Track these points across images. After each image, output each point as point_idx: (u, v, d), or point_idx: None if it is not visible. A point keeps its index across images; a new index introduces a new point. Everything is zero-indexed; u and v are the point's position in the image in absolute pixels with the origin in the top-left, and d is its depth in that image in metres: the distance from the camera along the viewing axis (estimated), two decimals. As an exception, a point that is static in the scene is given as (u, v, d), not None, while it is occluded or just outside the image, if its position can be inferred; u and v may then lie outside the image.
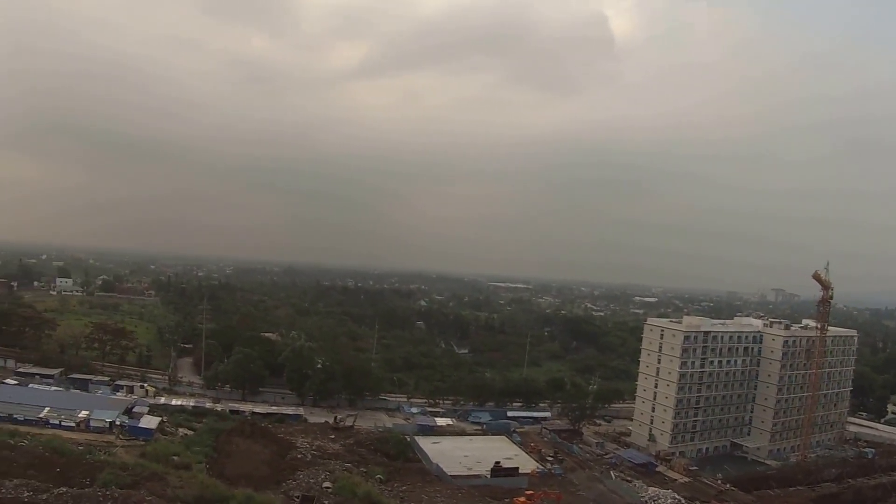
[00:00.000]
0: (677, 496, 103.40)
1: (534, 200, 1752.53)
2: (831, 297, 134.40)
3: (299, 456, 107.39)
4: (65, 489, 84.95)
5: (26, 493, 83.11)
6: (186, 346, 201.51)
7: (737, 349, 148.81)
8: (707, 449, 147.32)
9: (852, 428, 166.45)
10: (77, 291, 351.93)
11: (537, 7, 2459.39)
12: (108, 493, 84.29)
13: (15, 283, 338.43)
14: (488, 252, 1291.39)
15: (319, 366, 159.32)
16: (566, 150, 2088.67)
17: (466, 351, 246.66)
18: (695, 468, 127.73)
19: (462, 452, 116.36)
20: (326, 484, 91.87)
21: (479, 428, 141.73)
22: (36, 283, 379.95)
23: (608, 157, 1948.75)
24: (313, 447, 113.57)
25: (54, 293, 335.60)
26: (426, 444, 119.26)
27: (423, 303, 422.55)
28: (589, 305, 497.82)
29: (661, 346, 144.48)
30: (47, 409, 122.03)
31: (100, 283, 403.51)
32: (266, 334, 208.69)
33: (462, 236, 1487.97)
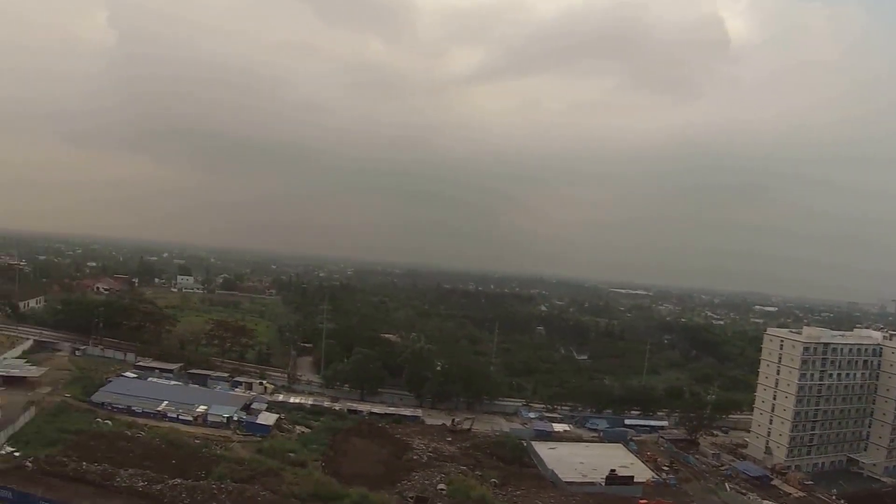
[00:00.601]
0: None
1: (651, 205, 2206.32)
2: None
3: (415, 457, 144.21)
4: (179, 481, 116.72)
5: (141, 483, 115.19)
6: (306, 345, 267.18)
7: (856, 362, 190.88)
8: (823, 464, 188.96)
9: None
10: (198, 289, 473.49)
11: (651, 8, 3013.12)
12: (222, 486, 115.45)
13: (136, 280, 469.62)
14: (607, 257, 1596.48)
15: (439, 368, 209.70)
16: (684, 155, 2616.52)
17: (586, 357, 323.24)
18: (810, 483, 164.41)
19: (578, 459, 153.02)
20: (441, 486, 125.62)
21: (596, 435, 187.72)
22: (157, 281, 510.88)
23: (725, 161, 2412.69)
24: (429, 449, 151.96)
25: (175, 290, 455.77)
26: (542, 449, 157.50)
27: (543, 308, 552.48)
28: (709, 313, 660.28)
29: (780, 357, 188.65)
30: (165, 402, 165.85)
31: (221, 281, 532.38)
32: (386, 335, 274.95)
33: (582, 241, 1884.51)
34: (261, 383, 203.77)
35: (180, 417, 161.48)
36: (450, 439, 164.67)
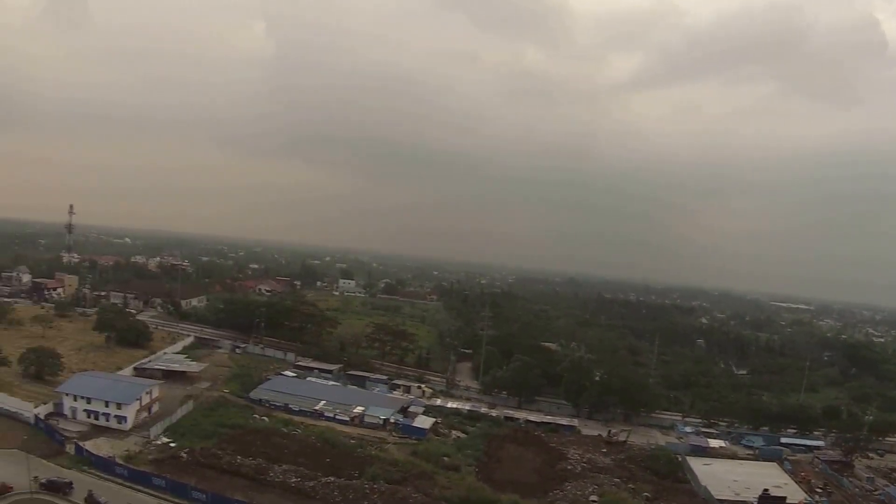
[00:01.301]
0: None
1: (812, 213, 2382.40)
2: None
3: (569, 467, 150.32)
4: (332, 479, 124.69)
5: (294, 479, 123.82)
6: (466, 351, 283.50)
7: None
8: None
9: None
10: (359, 293, 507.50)
11: (805, 10, 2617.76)
12: (374, 486, 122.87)
13: (298, 283, 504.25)
14: (769, 268, 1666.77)
15: (597, 378, 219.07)
16: (843, 162, 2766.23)
17: (745, 372, 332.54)
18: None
19: (732, 476, 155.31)
20: (593, 497, 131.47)
21: (751, 452, 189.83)
22: (319, 284, 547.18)
23: (888, 168, 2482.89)
24: (584, 459, 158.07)
25: (337, 293, 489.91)
26: (697, 465, 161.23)
27: (703, 320, 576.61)
28: (870, 330, 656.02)
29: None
30: (323, 402, 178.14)
31: (382, 285, 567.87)
32: (546, 344, 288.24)
33: (743, 251, 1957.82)
34: (419, 387, 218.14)
35: (337, 417, 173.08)
36: (605, 450, 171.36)
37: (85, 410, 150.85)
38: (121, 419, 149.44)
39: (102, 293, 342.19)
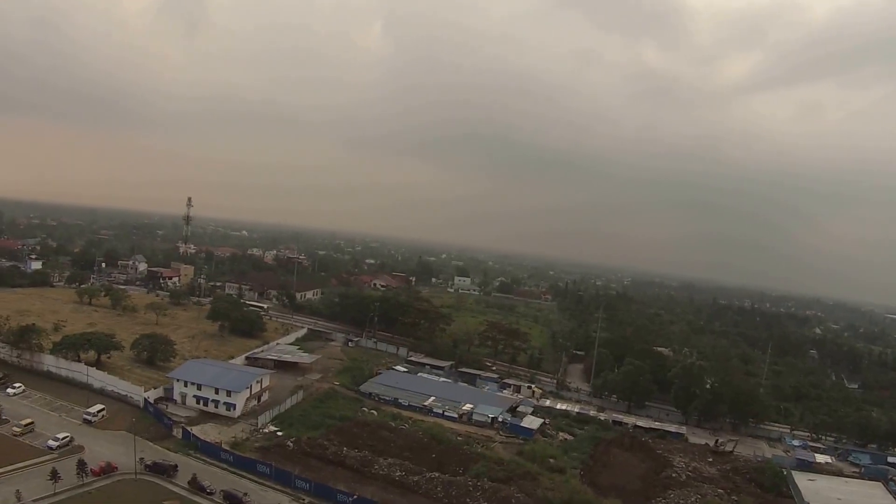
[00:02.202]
0: None
1: None
2: None
3: (674, 475, 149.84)
4: (437, 474, 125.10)
5: (398, 473, 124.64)
6: (578, 352, 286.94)
7: None
8: None
9: None
10: (474, 291, 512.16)
11: None
12: (478, 483, 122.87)
13: (413, 279, 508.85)
14: (886, 279, 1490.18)
15: (708, 386, 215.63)
16: None
17: (856, 386, 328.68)
18: None
19: (835, 494, 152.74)
20: None
21: (857, 470, 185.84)
22: (434, 280, 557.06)
23: None
24: (689, 468, 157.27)
25: (451, 291, 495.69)
26: (801, 480, 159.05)
27: (817, 331, 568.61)
28: None
29: None
30: (433, 398, 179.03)
31: (497, 284, 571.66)
32: (658, 348, 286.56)
33: (862, 260, 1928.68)
34: (529, 387, 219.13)
35: (446, 414, 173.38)
36: (711, 460, 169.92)
37: (194, 396, 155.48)
38: (230, 406, 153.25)
39: (217, 283, 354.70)
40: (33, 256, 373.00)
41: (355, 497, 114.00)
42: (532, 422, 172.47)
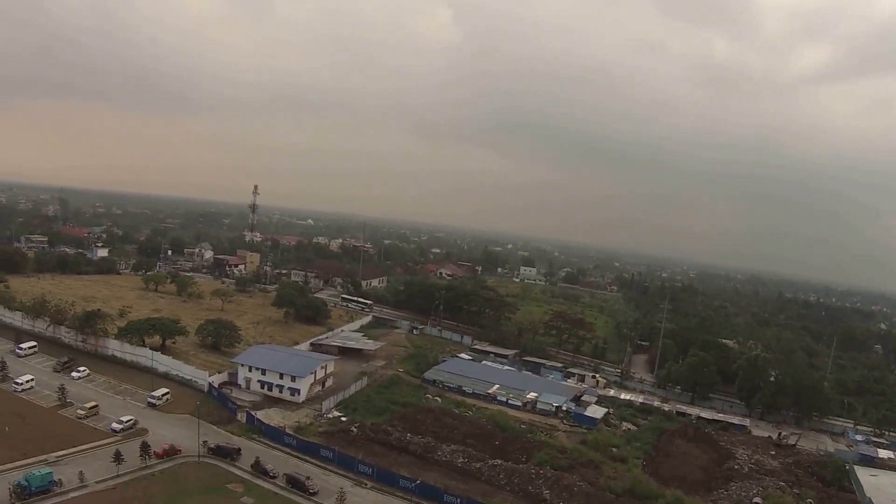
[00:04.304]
0: None
1: None
2: None
3: (736, 467, 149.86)
4: (500, 462, 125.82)
5: (461, 459, 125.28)
6: (643, 343, 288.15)
7: None
8: None
9: None
10: (539, 280, 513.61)
11: None
12: (541, 471, 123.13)
13: (479, 268, 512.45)
14: None
15: (772, 379, 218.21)
16: None
17: None
18: None
19: None
20: (757, 500, 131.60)
21: None
22: (500, 270, 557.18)
23: None
24: (751, 460, 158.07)
25: (517, 280, 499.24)
26: (863, 475, 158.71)
27: (882, 326, 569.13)
28: None
29: None
30: (497, 385, 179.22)
31: (563, 274, 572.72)
32: (723, 340, 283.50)
33: None
34: (593, 376, 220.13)
35: (510, 402, 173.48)
36: (773, 453, 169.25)
37: (259, 381, 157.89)
38: (294, 391, 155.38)
39: (283, 271, 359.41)
40: (99, 244, 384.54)
41: (418, 482, 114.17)
42: (596, 411, 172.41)
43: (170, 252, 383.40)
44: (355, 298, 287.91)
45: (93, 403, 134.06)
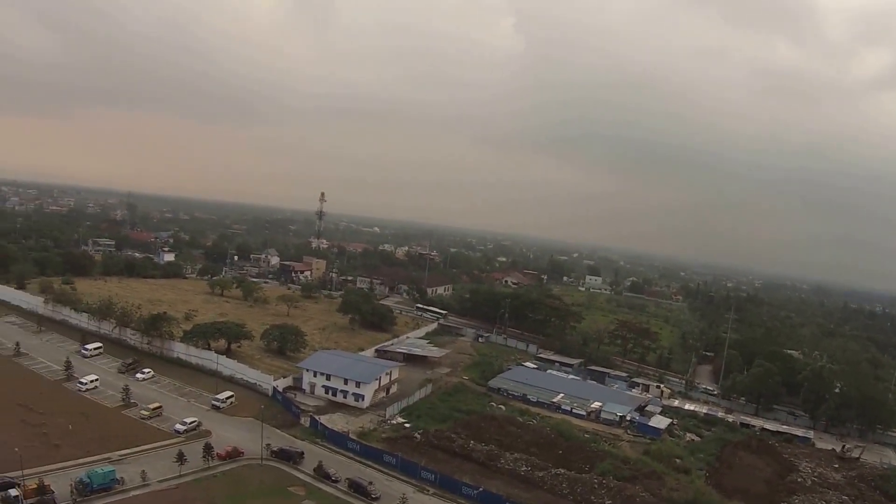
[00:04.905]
0: None
1: None
2: None
3: (799, 480, 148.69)
4: (562, 471, 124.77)
5: (524, 468, 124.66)
6: (707, 353, 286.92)
7: None
8: None
9: None
10: (605, 290, 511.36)
11: None
12: (603, 481, 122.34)
13: (545, 277, 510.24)
14: None
15: (837, 390, 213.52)
16: None
17: None
18: None
19: None
20: None
21: None
22: (565, 279, 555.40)
23: None
24: (815, 473, 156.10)
25: (582, 289, 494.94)
26: None
27: None
28: None
29: None
30: (561, 394, 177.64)
31: (628, 284, 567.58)
32: (788, 351, 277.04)
33: None
34: (658, 386, 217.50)
35: (574, 411, 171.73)
36: (837, 466, 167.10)
37: (323, 386, 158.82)
38: (358, 397, 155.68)
39: (349, 278, 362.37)
40: (166, 249, 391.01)
41: (480, 490, 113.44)
42: (660, 421, 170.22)
43: (236, 257, 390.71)
44: (430, 308, 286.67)
45: (157, 404, 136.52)
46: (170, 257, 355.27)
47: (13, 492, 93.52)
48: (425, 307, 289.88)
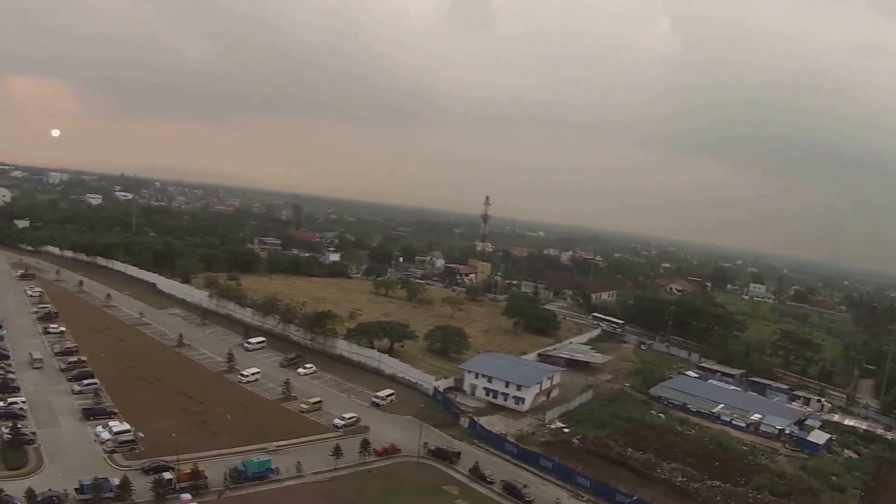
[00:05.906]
0: None
1: None
2: None
3: None
4: (718, 483, 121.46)
5: (680, 478, 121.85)
6: (870, 366, 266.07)
7: None
8: None
9: None
10: (769, 298, 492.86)
11: None
12: (759, 496, 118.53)
13: (709, 284, 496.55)
14: None
15: None
16: None
17: None
18: None
19: None
20: None
21: None
22: (729, 287, 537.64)
23: None
24: None
25: (746, 297, 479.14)
26: None
27: None
28: None
29: None
30: (721, 405, 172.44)
31: (792, 292, 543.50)
32: None
33: None
34: (818, 400, 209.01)
35: (733, 422, 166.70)
36: None
37: (484, 388, 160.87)
38: (519, 400, 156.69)
39: (514, 281, 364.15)
40: (331, 249, 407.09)
41: (634, 498, 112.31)
42: (819, 436, 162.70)
43: (401, 259, 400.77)
44: (608, 318, 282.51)
45: (317, 399, 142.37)
46: (335, 257, 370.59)
47: (167, 475, 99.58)
48: (602, 317, 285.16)
